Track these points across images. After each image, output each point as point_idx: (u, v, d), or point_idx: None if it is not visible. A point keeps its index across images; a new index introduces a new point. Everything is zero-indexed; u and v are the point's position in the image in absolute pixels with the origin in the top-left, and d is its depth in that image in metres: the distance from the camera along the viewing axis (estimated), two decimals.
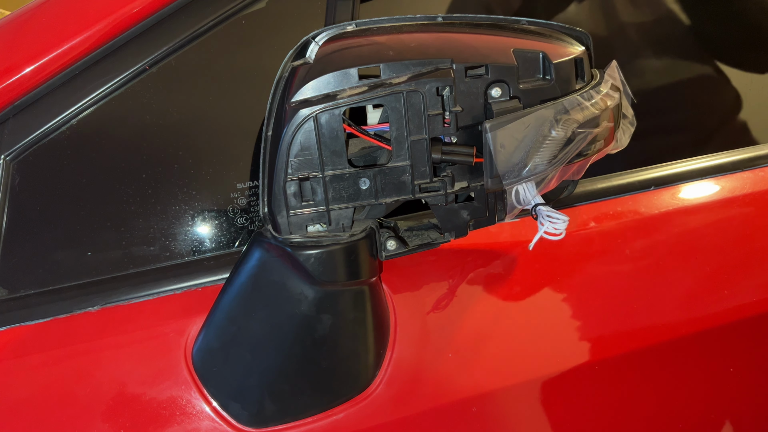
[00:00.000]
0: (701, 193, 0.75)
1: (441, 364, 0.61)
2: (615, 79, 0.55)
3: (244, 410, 0.56)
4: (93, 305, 0.57)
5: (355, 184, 0.50)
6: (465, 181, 0.52)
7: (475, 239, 0.64)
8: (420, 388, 0.60)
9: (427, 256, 0.63)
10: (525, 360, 0.63)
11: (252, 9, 0.63)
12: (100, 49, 0.59)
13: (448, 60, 0.47)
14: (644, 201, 0.72)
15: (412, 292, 0.61)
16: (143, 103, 0.60)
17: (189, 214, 0.61)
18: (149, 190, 0.60)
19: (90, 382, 0.55)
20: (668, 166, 0.77)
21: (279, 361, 0.55)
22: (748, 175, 0.77)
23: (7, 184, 0.58)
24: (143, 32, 0.60)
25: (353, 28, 0.50)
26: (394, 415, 0.59)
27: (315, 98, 0.47)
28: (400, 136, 0.49)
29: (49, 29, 0.59)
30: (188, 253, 0.61)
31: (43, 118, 0.59)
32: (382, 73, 0.47)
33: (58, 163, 0.59)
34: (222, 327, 0.55)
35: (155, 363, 0.56)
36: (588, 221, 0.69)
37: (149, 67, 0.61)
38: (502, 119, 0.45)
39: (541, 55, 0.49)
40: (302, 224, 0.51)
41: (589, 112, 0.48)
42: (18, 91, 0.57)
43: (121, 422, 0.54)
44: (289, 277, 0.52)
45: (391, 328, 0.60)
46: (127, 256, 0.59)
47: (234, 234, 0.62)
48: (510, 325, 0.63)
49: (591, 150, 0.50)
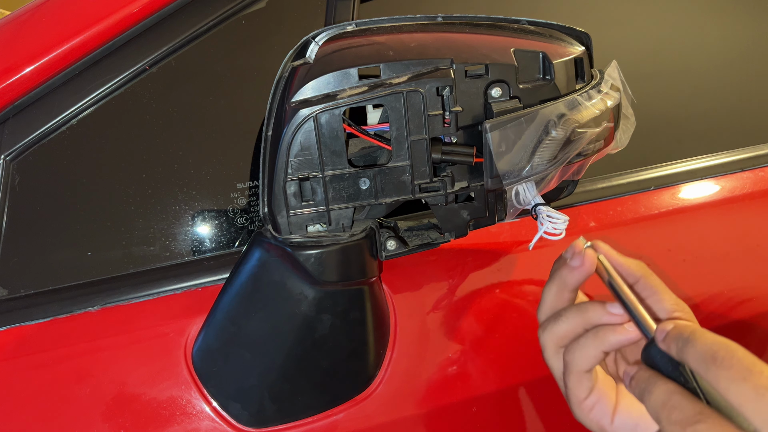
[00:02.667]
0: (701, 193, 0.75)
1: (441, 364, 0.61)
2: (615, 79, 0.55)
3: (244, 410, 0.56)
4: (93, 305, 0.57)
5: (355, 184, 0.50)
6: (465, 181, 0.52)
7: (475, 239, 0.64)
8: (420, 388, 0.60)
9: (427, 256, 0.63)
10: (525, 360, 0.63)
11: (252, 9, 0.63)
12: (100, 49, 0.59)
13: (448, 60, 0.47)
14: (644, 201, 0.72)
15: (412, 292, 0.61)
16: (143, 103, 0.60)
17: (189, 214, 0.61)
18: (149, 190, 0.60)
19: (90, 382, 0.55)
20: (668, 166, 0.77)
21: (279, 361, 0.55)
22: (748, 175, 0.77)
23: (7, 184, 0.58)
24: (143, 32, 0.60)
25: (353, 28, 0.50)
26: (394, 415, 0.59)
27: (315, 98, 0.47)
28: (400, 136, 0.49)
29: (49, 29, 0.59)
30: (188, 253, 0.61)
31: (43, 118, 0.59)
32: (382, 73, 0.47)
33: (58, 163, 0.59)
34: (222, 327, 0.55)
35: (155, 363, 0.56)
36: (588, 221, 0.69)
37: (149, 67, 0.61)
38: (502, 119, 0.45)
39: (541, 55, 0.49)
40: (302, 224, 0.51)
41: (589, 112, 0.48)
42: (18, 91, 0.57)
43: (121, 422, 0.54)
44: (289, 277, 0.52)
45: (391, 328, 0.60)
46: (127, 256, 0.59)
47: (234, 234, 0.62)
48: (510, 325, 0.63)
49: (591, 150, 0.50)
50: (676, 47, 0.84)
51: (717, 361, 0.33)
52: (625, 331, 0.41)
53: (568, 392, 0.44)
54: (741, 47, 0.87)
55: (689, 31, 0.85)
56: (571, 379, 0.43)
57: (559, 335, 0.44)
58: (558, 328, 0.44)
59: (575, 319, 0.43)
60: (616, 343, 0.41)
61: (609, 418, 0.43)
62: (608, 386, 0.44)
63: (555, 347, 0.45)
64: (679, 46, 0.84)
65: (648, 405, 0.36)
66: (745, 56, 0.87)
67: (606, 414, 0.43)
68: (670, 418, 0.34)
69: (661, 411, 0.34)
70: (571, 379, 0.43)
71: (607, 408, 0.43)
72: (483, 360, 0.62)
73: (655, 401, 0.35)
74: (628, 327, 0.41)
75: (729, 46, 0.87)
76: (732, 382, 0.32)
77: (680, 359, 0.36)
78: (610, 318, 0.42)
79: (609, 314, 0.41)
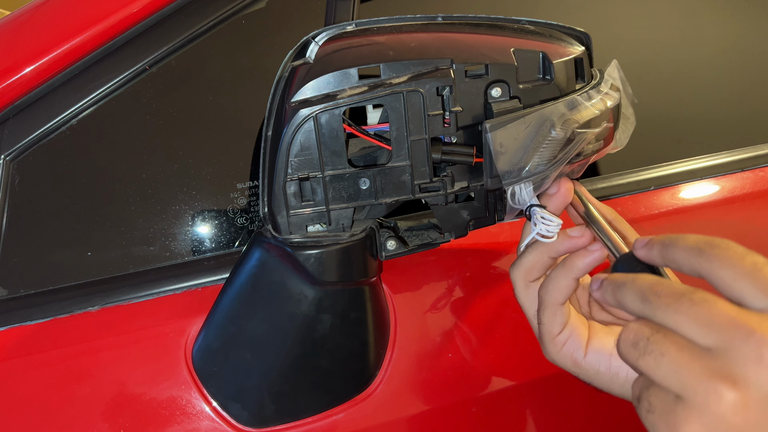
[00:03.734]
0: (701, 193, 0.75)
1: (441, 364, 0.61)
2: (615, 79, 0.55)
3: (244, 410, 0.56)
4: (93, 305, 0.57)
5: (355, 184, 0.50)
6: (465, 181, 0.52)
7: (475, 239, 0.64)
8: (420, 388, 0.60)
9: (427, 256, 0.63)
10: (525, 360, 0.63)
11: (252, 9, 0.63)
12: (100, 49, 0.59)
13: (448, 60, 0.47)
14: (644, 201, 0.72)
15: (412, 292, 0.61)
16: (143, 103, 0.60)
17: (189, 214, 0.61)
18: (149, 190, 0.60)
19: (90, 382, 0.55)
20: (668, 166, 0.77)
21: (279, 361, 0.55)
22: (748, 175, 0.77)
23: (7, 184, 0.58)
24: (143, 32, 0.60)
25: (353, 28, 0.50)
26: (394, 415, 0.59)
27: (315, 98, 0.47)
28: (400, 136, 0.49)
29: (49, 29, 0.59)
30: (188, 253, 0.61)
31: (43, 118, 0.59)
32: (382, 73, 0.47)
33: (58, 163, 0.59)
34: (222, 327, 0.55)
35: (155, 363, 0.56)
36: None
37: (149, 67, 0.61)
38: (502, 119, 0.45)
39: (541, 55, 0.49)
40: (302, 224, 0.51)
41: (589, 113, 0.48)
42: (18, 91, 0.57)
43: (121, 422, 0.54)
44: (289, 277, 0.52)
45: (391, 328, 0.60)
46: (127, 256, 0.59)
47: (234, 234, 0.62)
48: (510, 325, 0.63)
49: (591, 150, 0.50)
50: (676, 47, 0.84)
51: (712, 246, 0.33)
52: (591, 252, 0.42)
53: (541, 328, 0.45)
54: (741, 47, 0.87)
55: (689, 31, 0.85)
56: (546, 313, 0.44)
57: (527, 267, 0.46)
58: (525, 261, 0.46)
59: (541, 249, 0.45)
60: (585, 267, 0.42)
61: (582, 352, 0.44)
62: (580, 321, 0.45)
63: (524, 282, 0.46)
64: (679, 46, 0.84)
65: (627, 296, 0.35)
66: (745, 56, 0.87)
67: (579, 348, 0.44)
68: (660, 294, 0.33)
69: (648, 291, 0.34)
70: (545, 313, 0.44)
71: (580, 341, 0.44)
72: (483, 360, 0.62)
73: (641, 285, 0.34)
74: (592, 248, 0.42)
75: (729, 46, 0.87)
76: (727, 260, 0.32)
77: (664, 259, 0.36)
78: (573, 242, 0.43)
79: (571, 238, 0.43)
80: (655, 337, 0.32)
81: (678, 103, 0.83)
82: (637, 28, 0.83)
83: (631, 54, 0.82)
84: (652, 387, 0.32)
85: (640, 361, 0.32)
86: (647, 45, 0.83)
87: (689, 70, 0.84)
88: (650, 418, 0.32)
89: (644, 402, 0.32)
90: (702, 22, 0.86)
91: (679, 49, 0.84)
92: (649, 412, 0.32)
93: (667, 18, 0.85)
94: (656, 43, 0.84)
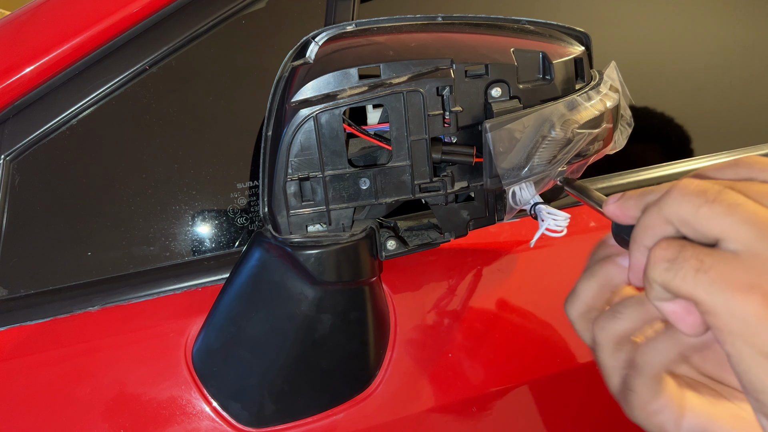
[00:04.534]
0: None
1: (441, 364, 0.61)
2: (614, 80, 0.55)
3: (244, 410, 0.56)
4: (93, 305, 0.57)
5: (355, 184, 0.50)
6: (465, 181, 0.52)
7: (475, 239, 0.64)
8: (420, 388, 0.60)
9: (427, 256, 0.63)
10: (525, 360, 0.63)
11: (252, 9, 0.63)
12: (100, 49, 0.59)
13: (448, 60, 0.47)
14: None
15: (412, 292, 0.61)
16: (143, 103, 0.60)
17: (189, 214, 0.61)
18: (149, 190, 0.60)
19: (90, 382, 0.55)
20: (668, 166, 0.77)
21: (279, 361, 0.55)
22: None
23: (7, 184, 0.58)
24: (143, 32, 0.60)
25: (353, 28, 0.50)
26: (394, 415, 0.59)
27: (315, 98, 0.47)
28: (400, 136, 0.49)
29: (49, 29, 0.59)
30: (188, 253, 0.61)
31: (43, 118, 0.59)
32: (382, 73, 0.47)
33: (58, 163, 0.59)
34: (222, 327, 0.55)
35: (155, 363, 0.56)
36: (588, 221, 0.69)
37: (149, 67, 0.61)
38: (502, 119, 0.45)
39: (541, 55, 0.49)
40: (302, 224, 0.51)
41: (588, 113, 0.48)
42: (18, 91, 0.57)
43: (121, 422, 0.54)
44: (289, 277, 0.52)
45: (391, 328, 0.60)
46: (127, 256, 0.59)
47: (234, 234, 0.62)
48: (510, 325, 0.63)
49: (590, 151, 0.50)
50: (676, 47, 0.84)
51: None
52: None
53: (630, 395, 0.40)
54: (741, 47, 0.87)
55: (689, 31, 0.86)
56: (639, 382, 0.39)
57: (619, 334, 0.39)
58: (618, 326, 0.39)
59: (637, 315, 0.39)
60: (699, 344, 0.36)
61: (675, 424, 0.39)
62: (676, 390, 0.40)
63: (614, 346, 0.40)
64: (679, 46, 0.84)
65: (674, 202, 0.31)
66: (745, 56, 0.87)
67: (671, 419, 0.39)
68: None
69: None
70: (638, 382, 0.39)
71: (674, 413, 0.39)
72: (483, 360, 0.62)
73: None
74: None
75: (729, 46, 0.87)
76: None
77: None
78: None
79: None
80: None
81: (678, 103, 0.83)
82: (637, 28, 0.83)
83: (631, 54, 0.82)
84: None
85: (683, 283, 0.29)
86: (647, 45, 0.83)
87: (689, 71, 0.84)
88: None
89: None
90: (702, 22, 0.86)
91: (679, 50, 0.84)
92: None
93: (667, 18, 0.85)
94: (656, 43, 0.84)
